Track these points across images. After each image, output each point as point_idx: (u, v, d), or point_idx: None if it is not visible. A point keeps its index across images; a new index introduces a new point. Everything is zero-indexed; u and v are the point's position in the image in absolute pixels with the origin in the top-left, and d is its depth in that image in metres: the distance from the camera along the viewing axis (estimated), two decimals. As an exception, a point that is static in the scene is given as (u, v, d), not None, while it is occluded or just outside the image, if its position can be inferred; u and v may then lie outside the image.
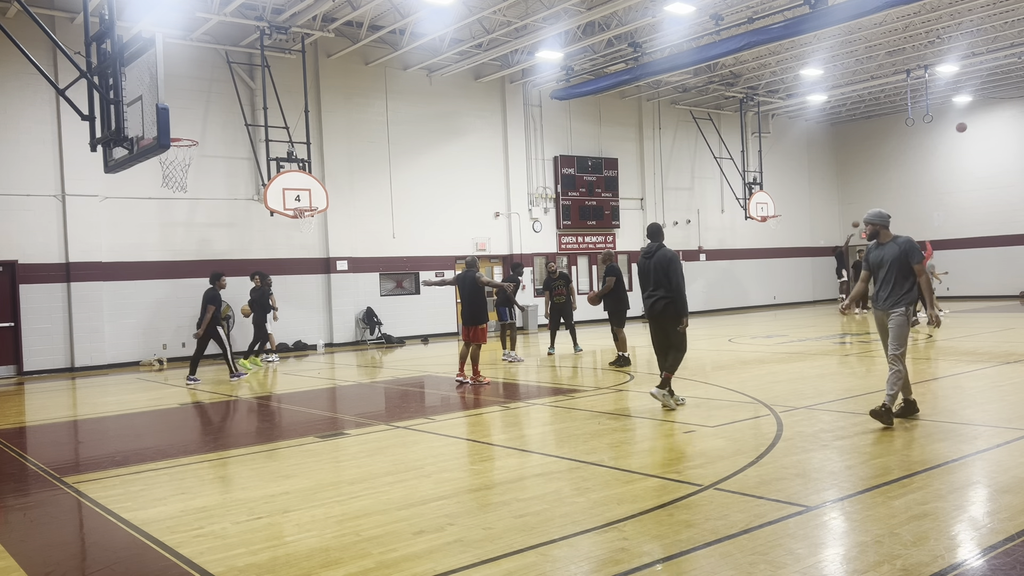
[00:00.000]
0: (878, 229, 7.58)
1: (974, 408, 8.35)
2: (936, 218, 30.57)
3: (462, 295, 11.83)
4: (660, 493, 5.49)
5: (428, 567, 4.25)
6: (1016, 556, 4.06)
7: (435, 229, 22.05)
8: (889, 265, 7.39)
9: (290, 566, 4.38)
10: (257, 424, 9.85)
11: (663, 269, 8.61)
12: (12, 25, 14.82)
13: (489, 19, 19.12)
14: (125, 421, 10.15)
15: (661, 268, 8.63)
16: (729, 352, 14.80)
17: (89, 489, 6.40)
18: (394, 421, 9.01)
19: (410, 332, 21.37)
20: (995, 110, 29.32)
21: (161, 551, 4.76)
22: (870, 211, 7.64)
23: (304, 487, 6.13)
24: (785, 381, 10.54)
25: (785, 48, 22.85)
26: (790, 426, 7.51)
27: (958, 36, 22.22)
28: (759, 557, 4.16)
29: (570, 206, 24.91)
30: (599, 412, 8.83)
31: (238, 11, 17.06)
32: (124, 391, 13.32)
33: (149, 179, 16.83)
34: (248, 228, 19.15)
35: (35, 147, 16.61)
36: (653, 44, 21.12)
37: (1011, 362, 11.61)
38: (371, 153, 21.02)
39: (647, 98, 26.94)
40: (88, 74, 9.15)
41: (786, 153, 31.65)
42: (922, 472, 5.70)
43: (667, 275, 8.58)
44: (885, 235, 7.56)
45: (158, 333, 17.89)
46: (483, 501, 5.52)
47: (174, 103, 10.79)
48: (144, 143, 8.58)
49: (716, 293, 28.83)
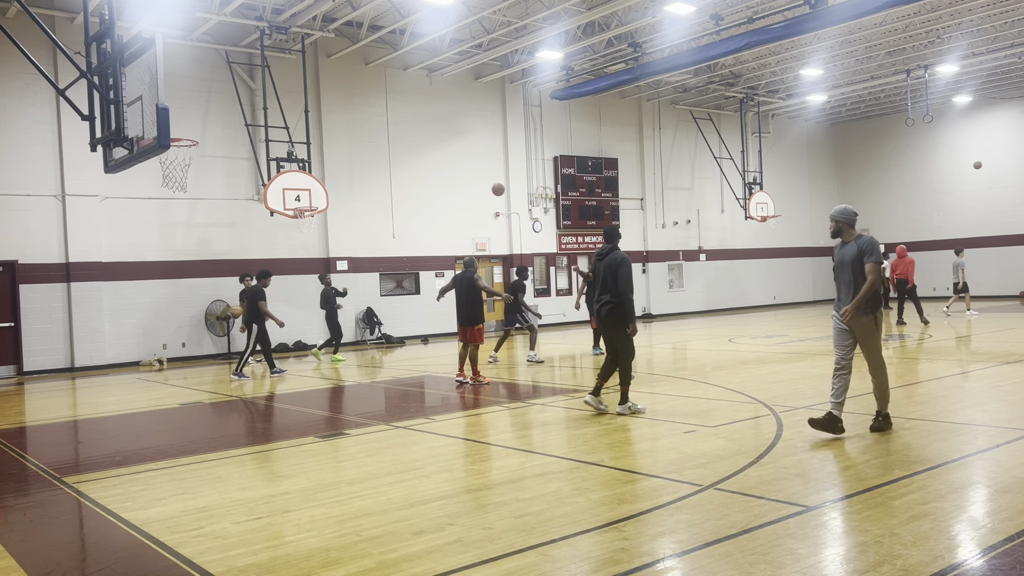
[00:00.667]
0: (841, 226, 7.14)
1: (974, 408, 8.35)
2: (936, 218, 30.57)
3: (458, 296, 11.80)
4: (660, 493, 5.49)
5: (428, 567, 4.25)
6: (1016, 556, 4.06)
7: (435, 229, 22.05)
8: (849, 265, 7.01)
9: (290, 566, 4.38)
10: (257, 424, 9.85)
11: (612, 272, 8.41)
12: (12, 25, 14.82)
13: (489, 19, 19.12)
14: (125, 421, 10.15)
15: (610, 271, 8.43)
16: (729, 352, 14.80)
17: (89, 489, 6.40)
18: (394, 421, 9.01)
19: (410, 332, 21.37)
20: (995, 110, 29.32)
21: (161, 551, 4.76)
22: (836, 207, 7.27)
23: (304, 487, 6.13)
24: (785, 381, 10.53)
25: (785, 48, 22.85)
26: (790, 426, 7.51)
27: (958, 36, 22.22)
28: (759, 557, 4.16)
29: (570, 206, 24.91)
30: (599, 411, 8.82)
31: (238, 11, 17.06)
32: (124, 391, 13.32)
33: (149, 179, 16.83)
34: (248, 228, 19.16)
35: (35, 147, 16.61)
36: (653, 44, 21.12)
37: (1011, 362, 11.61)
38: (371, 153, 21.03)
39: (647, 98, 26.94)
40: (88, 74, 9.15)
41: (786, 153, 31.65)
42: (922, 472, 5.70)
43: (615, 278, 8.37)
44: (848, 233, 7.13)
45: (158, 333, 17.89)
46: (483, 501, 5.52)
47: (174, 103, 10.80)
48: (144, 143, 8.57)
49: (716, 293, 28.84)
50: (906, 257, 19.43)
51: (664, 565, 4.17)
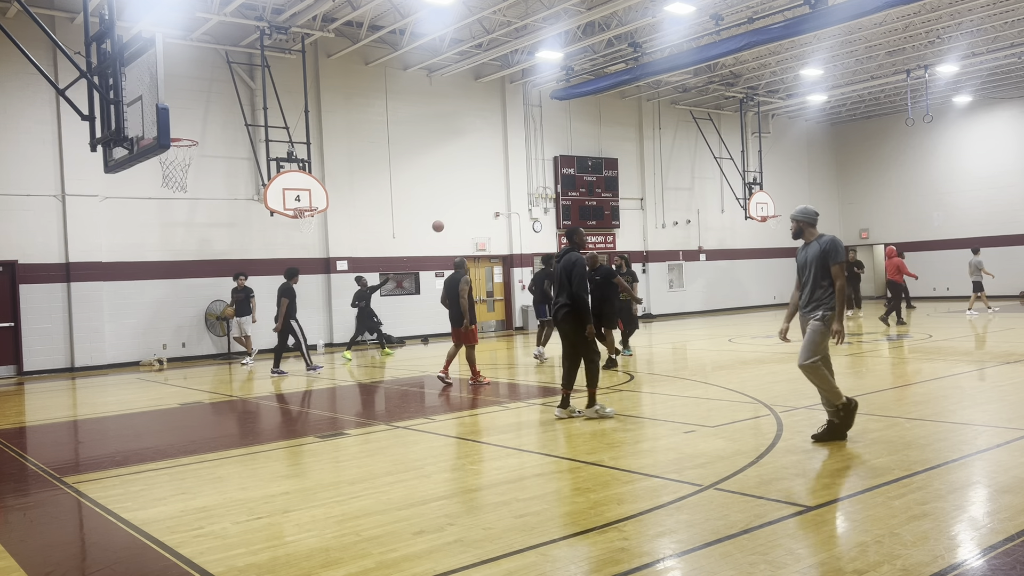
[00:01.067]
0: (802, 227, 7.00)
1: (974, 408, 8.35)
2: (936, 218, 30.57)
3: (448, 296, 11.72)
4: (660, 493, 5.49)
5: (428, 567, 4.25)
6: (1016, 556, 4.06)
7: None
8: (811, 267, 6.83)
9: (290, 566, 4.38)
10: (257, 424, 9.85)
11: (566, 274, 8.25)
12: (12, 25, 14.82)
13: (489, 19, 19.12)
14: (125, 421, 10.15)
15: (565, 273, 8.27)
16: (729, 352, 14.80)
17: (89, 489, 6.40)
18: (394, 421, 9.01)
19: (410, 332, 21.36)
20: (995, 110, 29.32)
21: (161, 551, 4.76)
22: (797, 207, 7.13)
23: (304, 487, 6.13)
24: (785, 381, 10.53)
25: (785, 48, 22.84)
26: (790, 426, 7.51)
27: (958, 36, 22.22)
28: (759, 557, 4.16)
29: (570, 206, 24.91)
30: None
31: (238, 11, 17.06)
32: (124, 391, 13.32)
33: (149, 179, 16.83)
34: (248, 228, 19.16)
35: (35, 147, 16.61)
36: (653, 44, 21.12)
37: (1011, 362, 11.61)
38: (371, 153, 21.03)
39: (647, 98, 26.94)
40: (88, 74, 9.15)
41: (786, 153, 31.65)
42: (922, 472, 5.70)
43: (569, 280, 8.23)
44: (810, 234, 6.97)
45: (158, 333, 17.89)
46: (483, 501, 5.52)
47: (174, 103, 10.79)
48: (144, 143, 8.57)
49: (716, 293, 28.84)
50: (895, 258, 19.28)
51: (664, 565, 4.17)
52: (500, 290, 23.95)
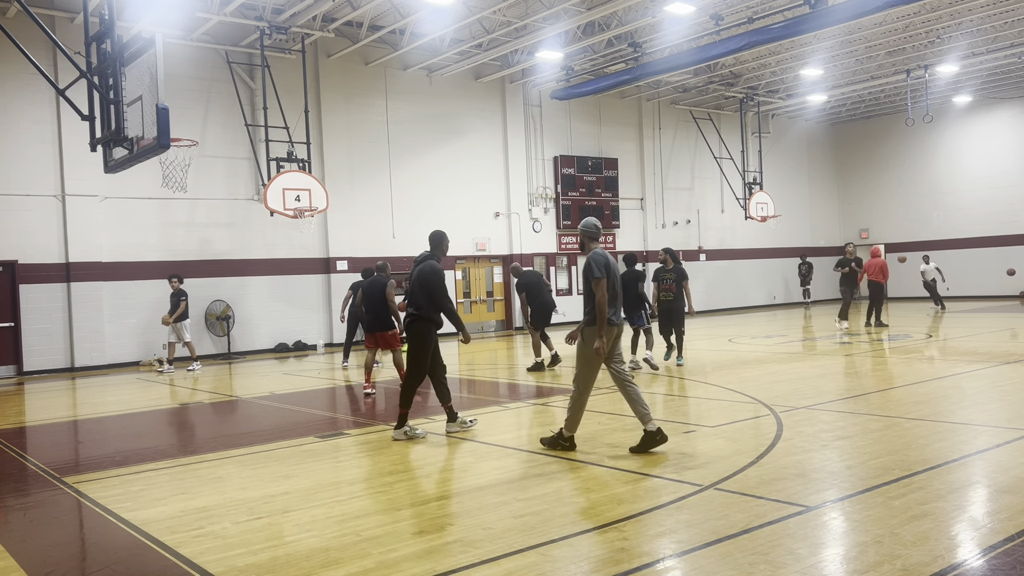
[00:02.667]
0: (584, 240, 6.95)
1: (974, 408, 8.35)
2: (936, 218, 30.57)
3: (365, 302, 11.24)
4: (660, 493, 5.50)
5: (428, 567, 4.25)
6: (1016, 556, 4.06)
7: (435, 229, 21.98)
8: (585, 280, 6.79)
9: (290, 566, 4.38)
10: (257, 424, 9.85)
11: (421, 284, 7.85)
12: (12, 25, 14.81)
13: (489, 19, 19.12)
14: (125, 421, 10.14)
15: (418, 282, 7.88)
16: (729, 352, 14.80)
17: (89, 489, 6.40)
18: (394, 421, 9.00)
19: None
20: (995, 110, 29.32)
21: (161, 551, 4.76)
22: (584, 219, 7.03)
23: (304, 487, 6.13)
24: (785, 381, 10.53)
25: (785, 48, 22.84)
26: (790, 426, 7.51)
27: (958, 36, 22.22)
28: (759, 557, 4.16)
29: (570, 206, 24.91)
30: (599, 412, 8.82)
31: (238, 11, 17.05)
32: (124, 391, 13.32)
33: (149, 179, 16.82)
34: (248, 228, 19.15)
35: (35, 147, 16.60)
36: (653, 44, 21.11)
37: (1011, 362, 11.61)
38: (371, 153, 21.02)
39: (647, 98, 26.93)
40: (88, 74, 9.15)
41: (786, 153, 31.65)
42: (922, 472, 5.70)
43: (422, 290, 7.83)
44: (589, 247, 6.90)
45: (158, 333, 17.86)
46: (483, 501, 5.51)
47: (174, 103, 10.79)
48: (144, 143, 8.57)
49: (716, 293, 28.83)
50: (879, 258, 18.96)
51: (664, 565, 4.17)
52: (500, 290, 23.94)
